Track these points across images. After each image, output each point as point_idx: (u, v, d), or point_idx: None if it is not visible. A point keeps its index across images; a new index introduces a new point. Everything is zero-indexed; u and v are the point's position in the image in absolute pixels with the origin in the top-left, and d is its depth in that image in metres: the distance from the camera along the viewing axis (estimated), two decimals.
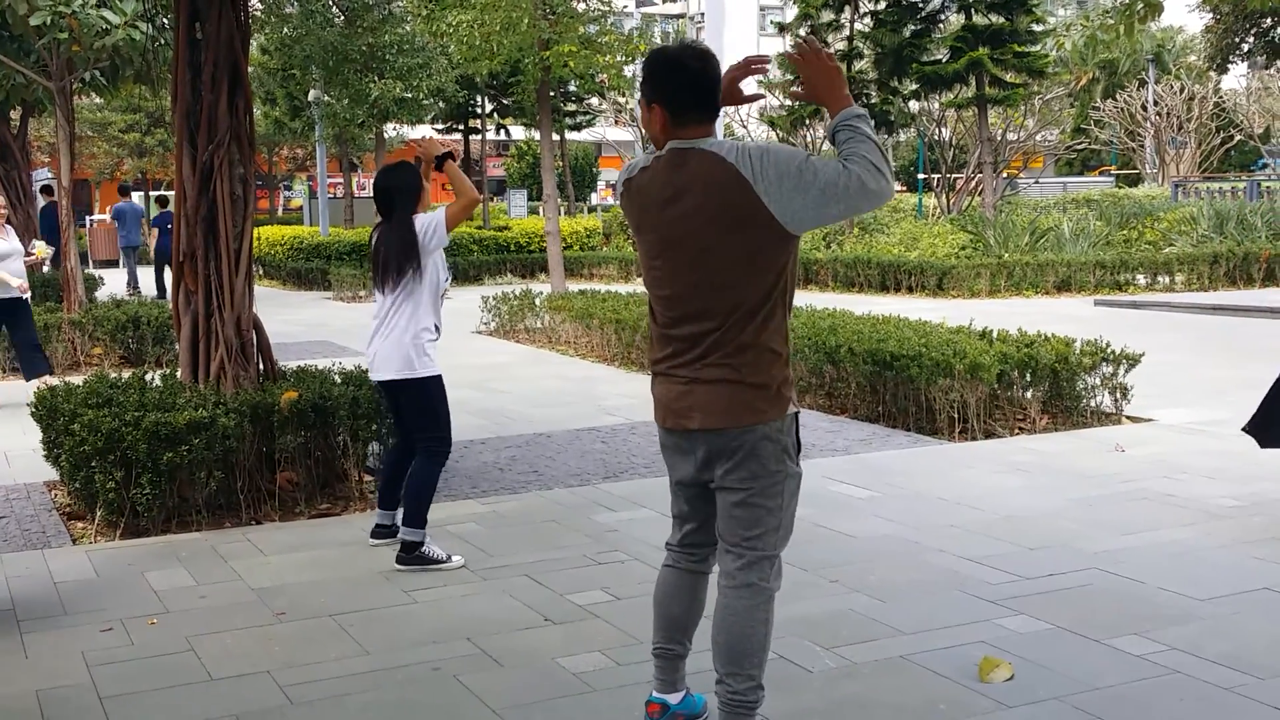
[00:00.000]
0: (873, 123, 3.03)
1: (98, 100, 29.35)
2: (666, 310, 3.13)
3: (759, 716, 3.20)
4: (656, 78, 3.07)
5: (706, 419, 3.06)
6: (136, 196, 41.24)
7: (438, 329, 5.06)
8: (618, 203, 3.36)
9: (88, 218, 31.94)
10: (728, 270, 3.01)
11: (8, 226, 8.78)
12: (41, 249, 10.14)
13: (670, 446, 3.24)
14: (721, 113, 3.46)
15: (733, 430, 3.04)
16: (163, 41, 8.53)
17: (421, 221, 4.96)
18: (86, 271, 13.44)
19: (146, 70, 11.06)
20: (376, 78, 17.69)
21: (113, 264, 29.01)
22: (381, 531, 5.31)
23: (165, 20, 9.17)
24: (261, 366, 6.41)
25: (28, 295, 9.43)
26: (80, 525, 5.68)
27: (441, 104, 27.38)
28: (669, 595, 3.33)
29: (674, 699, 3.34)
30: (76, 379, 6.93)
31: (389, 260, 4.95)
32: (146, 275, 19.93)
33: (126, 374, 6.50)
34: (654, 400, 3.25)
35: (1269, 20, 41.95)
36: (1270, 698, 3.57)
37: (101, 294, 14.79)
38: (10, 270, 9.09)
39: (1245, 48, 44.77)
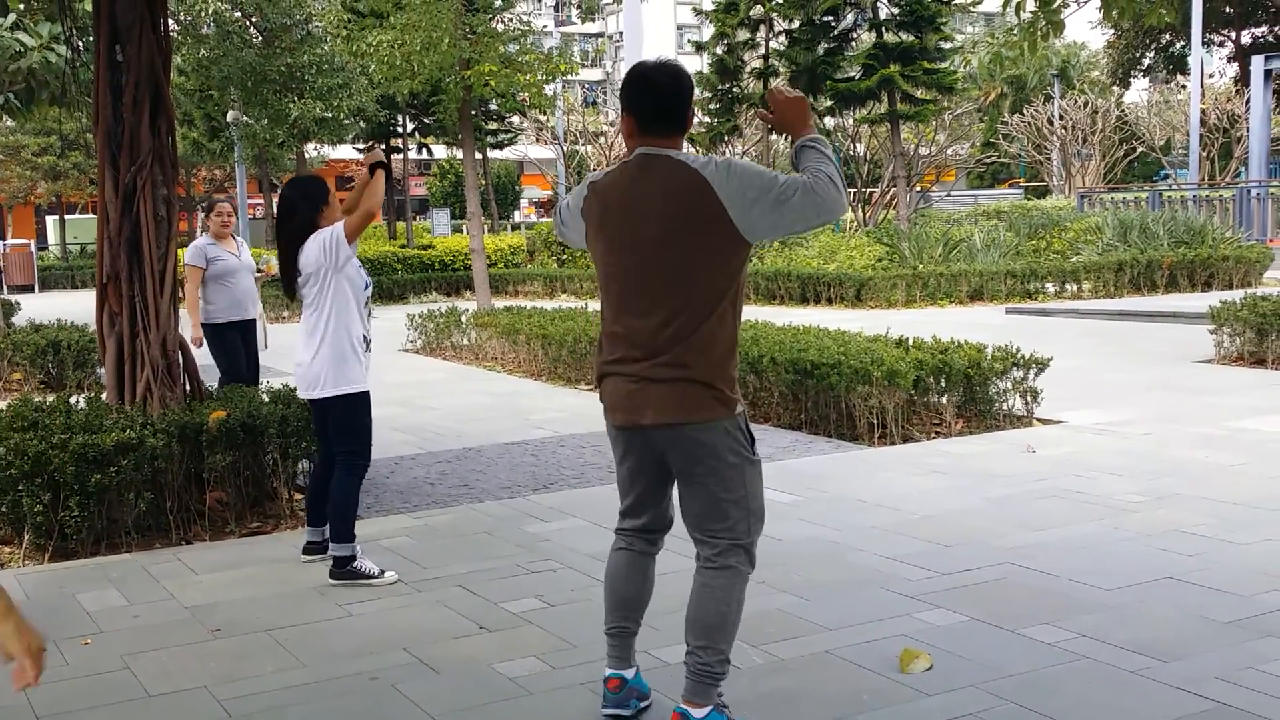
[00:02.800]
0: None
1: (10, 123, 28.67)
2: (620, 309, 3.29)
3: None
4: (628, 90, 3.31)
5: (659, 415, 3.22)
6: (51, 221, 40.33)
7: (367, 341, 5.11)
8: (571, 211, 3.44)
9: (1, 242, 31.10)
10: (683, 270, 3.17)
11: (237, 239, 7.93)
12: (272, 264, 8.86)
13: (622, 443, 3.40)
14: None
15: (685, 426, 3.20)
16: (81, 63, 8.44)
17: (320, 237, 4.96)
18: (2, 297, 13.14)
19: (63, 93, 10.92)
20: (296, 98, 17.58)
21: (28, 289, 28.33)
22: (313, 548, 5.35)
23: (82, 43, 9.07)
24: (188, 387, 6.39)
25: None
26: (7, 550, 5.61)
27: (362, 124, 27.23)
28: (622, 576, 3.51)
29: (629, 673, 3.54)
30: None
31: (292, 272, 5.03)
32: None
33: (50, 398, 6.43)
34: (604, 399, 3.40)
35: (1167, 36, 43.50)
36: (1173, 679, 3.78)
37: (19, 319, 14.48)
38: (241, 289, 7.77)
39: (1145, 63, 46.35)
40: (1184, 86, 40.94)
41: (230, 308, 7.73)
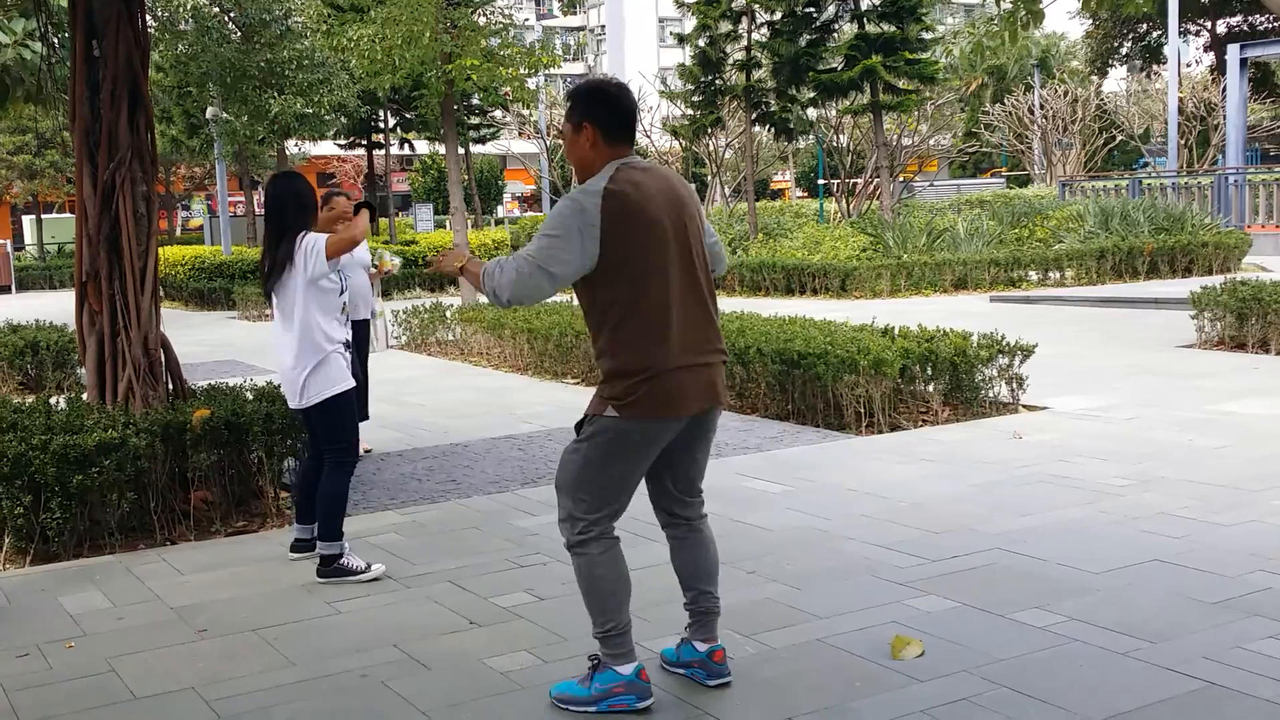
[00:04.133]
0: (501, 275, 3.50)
1: None
2: (681, 301, 3.48)
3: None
4: (596, 103, 3.51)
5: (723, 393, 3.64)
6: (28, 220, 40.01)
7: (346, 344, 5.04)
8: (583, 232, 3.39)
9: None
10: (704, 259, 3.60)
11: None
12: (387, 260, 7.98)
13: (670, 433, 3.52)
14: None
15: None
16: (57, 60, 8.35)
17: (304, 243, 4.93)
18: None
19: (39, 90, 10.81)
20: (276, 94, 17.46)
21: (5, 290, 28.11)
22: (301, 545, 5.31)
23: (56, 39, 8.98)
24: (171, 386, 6.34)
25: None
26: None
27: (343, 119, 27.10)
28: (697, 556, 3.73)
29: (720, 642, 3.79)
30: None
31: (270, 274, 4.97)
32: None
33: (29, 399, 6.37)
34: (667, 395, 3.44)
35: (1144, 25, 43.70)
36: (1161, 659, 3.80)
37: None
38: (353, 288, 6.90)
39: (1124, 52, 46.55)
40: (1161, 75, 41.15)
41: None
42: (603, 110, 3.50)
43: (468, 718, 3.57)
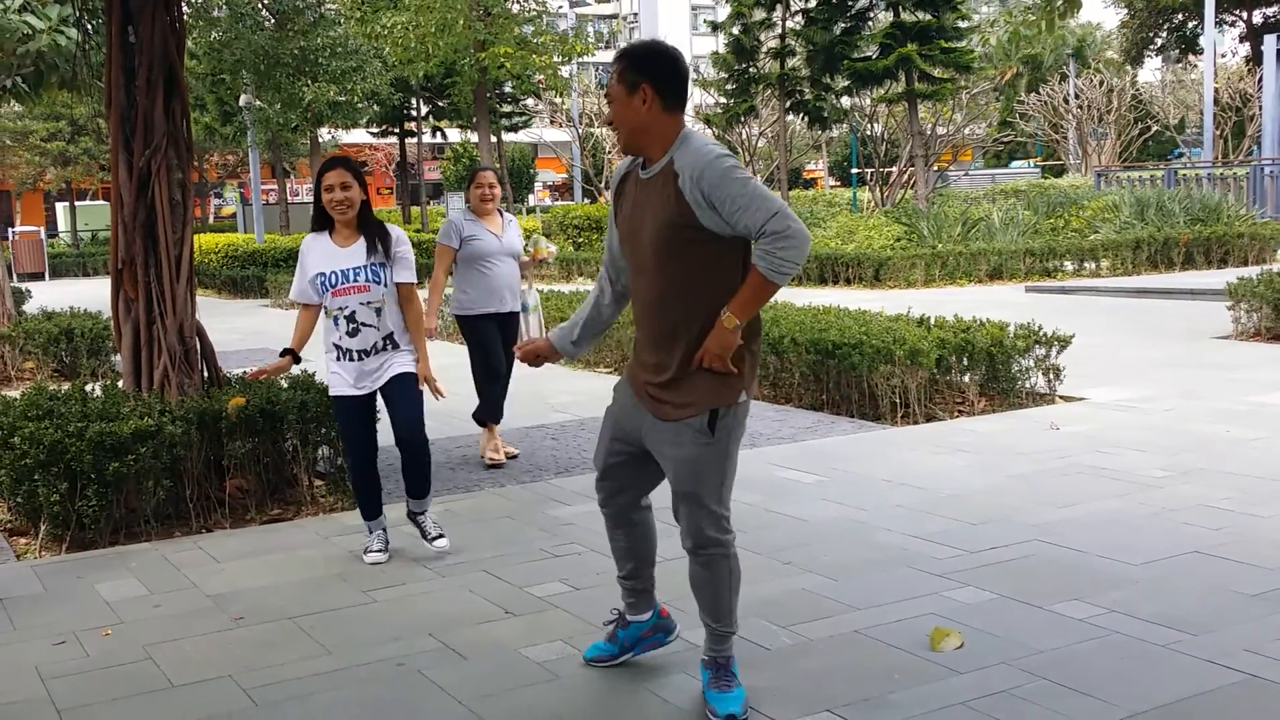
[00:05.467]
0: None
1: (17, 108, 28.69)
2: None
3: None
4: (665, 64, 3.28)
5: None
6: (61, 207, 40.41)
7: (339, 350, 5.03)
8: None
9: (10, 229, 31.19)
10: None
11: (504, 215, 6.76)
12: (543, 247, 7.46)
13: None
14: None
15: None
16: (92, 46, 8.39)
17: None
18: (12, 285, 13.16)
19: (73, 76, 10.88)
20: (309, 82, 17.50)
21: (38, 277, 28.41)
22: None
23: (91, 25, 9.03)
24: (206, 373, 6.36)
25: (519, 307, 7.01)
26: (23, 541, 5.58)
27: (376, 107, 27.18)
28: (651, 537, 3.75)
29: None
30: (12, 393, 6.82)
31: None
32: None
33: (64, 386, 6.41)
34: (752, 376, 3.39)
35: (1180, 16, 43.12)
36: (1202, 652, 3.74)
37: (30, 307, 14.50)
38: (500, 276, 6.64)
39: (1159, 42, 45.98)
40: (1197, 66, 40.60)
41: (485, 297, 6.58)
42: (663, 72, 3.28)
43: (505, 708, 3.56)
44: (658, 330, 3.35)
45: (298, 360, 5.09)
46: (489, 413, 6.87)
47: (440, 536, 5.12)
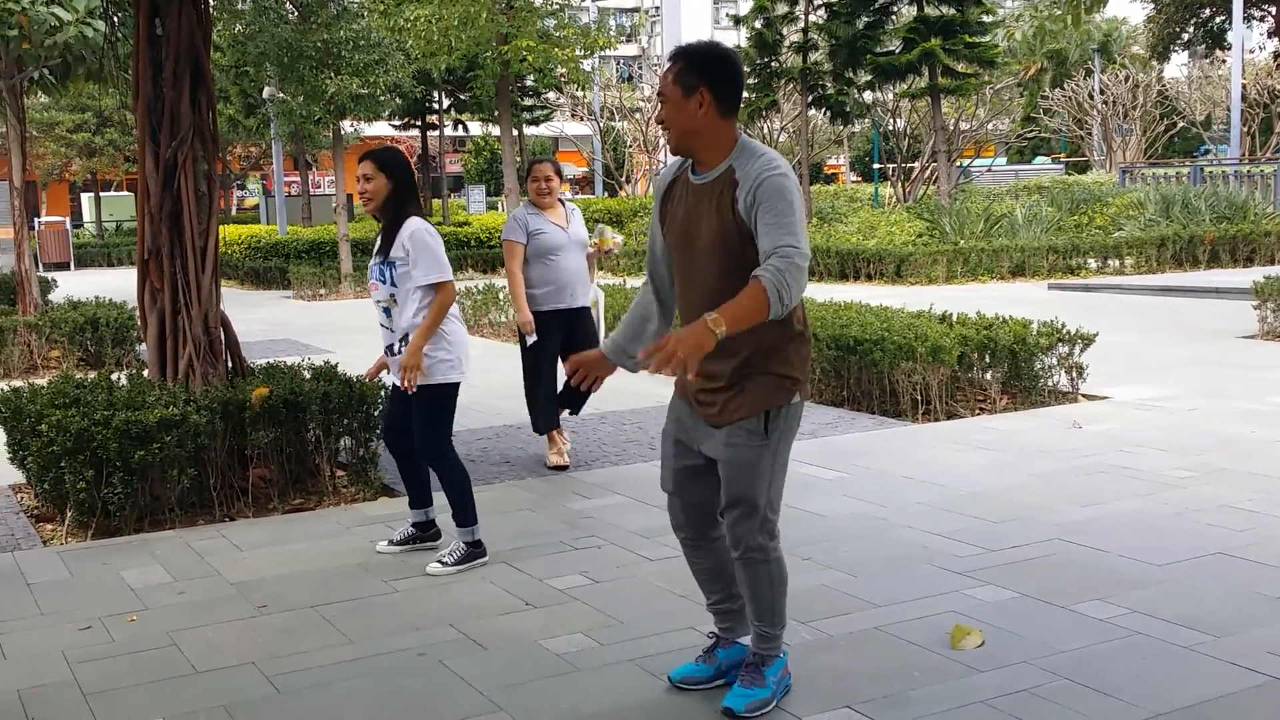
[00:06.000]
0: None
1: (44, 100, 28.89)
2: None
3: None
4: (728, 68, 3.21)
5: None
6: (86, 198, 40.69)
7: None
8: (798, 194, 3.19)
9: (36, 219, 31.43)
10: None
11: (566, 205, 6.48)
12: (608, 237, 7.02)
13: None
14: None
15: None
16: (119, 38, 8.43)
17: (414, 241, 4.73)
18: (38, 274, 13.27)
19: (100, 68, 10.95)
20: (332, 74, 17.57)
21: (64, 267, 28.63)
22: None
23: (118, 17, 9.09)
24: (230, 364, 6.41)
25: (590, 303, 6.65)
26: (50, 527, 5.64)
27: (398, 100, 27.24)
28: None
29: None
30: (39, 381, 6.87)
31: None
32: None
33: (90, 375, 6.46)
34: (805, 376, 3.32)
35: (1208, 10, 42.73)
36: (1225, 654, 3.72)
37: (55, 296, 14.62)
38: (567, 270, 6.36)
39: (1185, 37, 45.56)
40: (1224, 61, 40.23)
41: (552, 293, 6.31)
42: (722, 76, 3.19)
43: (524, 698, 3.58)
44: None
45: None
46: (547, 420, 6.50)
47: (438, 562, 4.86)
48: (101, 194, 38.97)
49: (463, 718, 3.47)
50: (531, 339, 6.34)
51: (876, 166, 29.90)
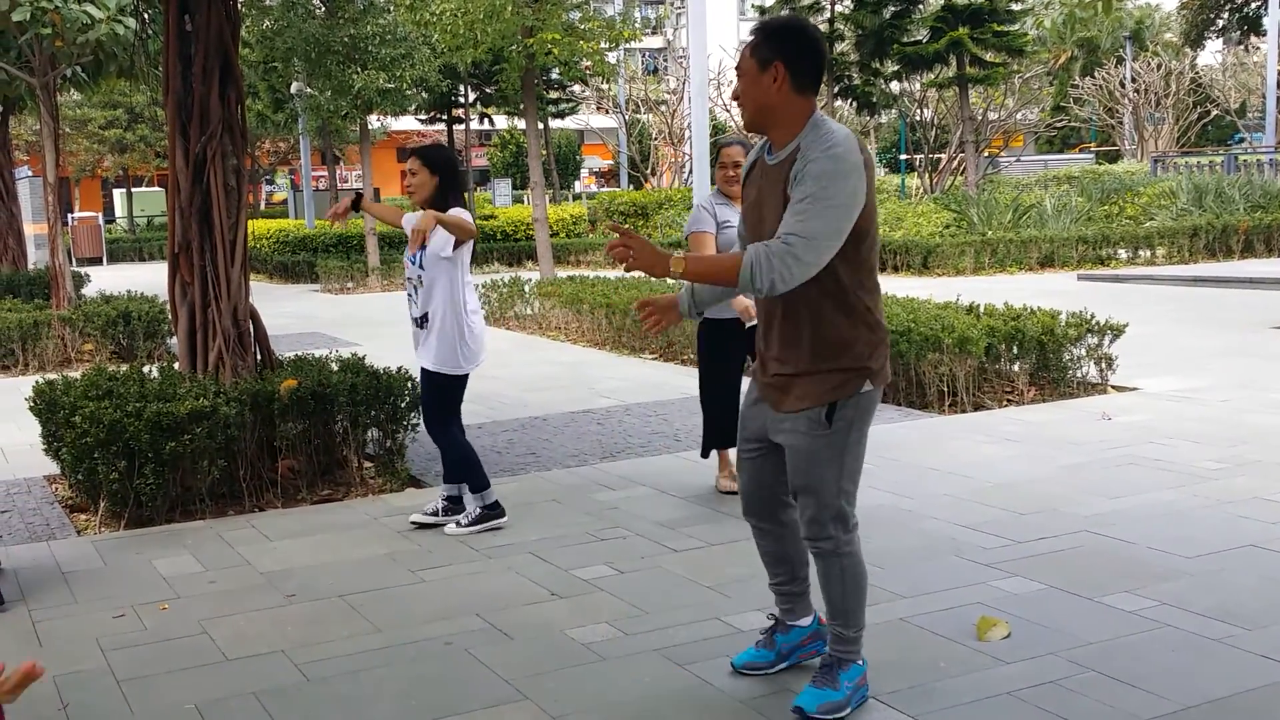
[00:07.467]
0: None
1: (76, 97, 29.17)
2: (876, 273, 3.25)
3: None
4: (786, 38, 3.11)
5: None
6: (118, 194, 41.08)
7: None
8: (862, 183, 3.06)
9: (69, 215, 31.77)
10: None
11: (721, 201, 5.60)
12: None
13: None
14: (711, 102, 3.52)
15: None
16: (149, 34, 8.51)
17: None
18: (71, 269, 13.41)
19: (131, 64, 11.05)
20: (359, 69, 17.66)
21: (96, 261, 28.93)
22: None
23: (148, 14, 9.17)
24: (259, 356, 6.46)
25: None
26: (83, 517, 5.73)
27: (425, 94, 27.35)
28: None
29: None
30: (72, 374, 6.96)
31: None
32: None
33: (122, 368, 6.53)
34: (880, 365, 3.27)
35: None
36: (1257, 647, 3.69)
37: (88, 290, 14.77)
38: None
39: (1220, 24, 45.02)
40: (1260, 48, 39.72)
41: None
42: (799, 51, 3.10)
43: (550, 688, 3.60)
44: (786, 328, 3.21)
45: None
46: (720, 439, 5.72)
47: (455, 522, 5.28)
48: (133, 190, 39.34)
49: (488, 706, 3.49)
50: (750, 323, 5.29)
51: (903, 158, 29.75)
